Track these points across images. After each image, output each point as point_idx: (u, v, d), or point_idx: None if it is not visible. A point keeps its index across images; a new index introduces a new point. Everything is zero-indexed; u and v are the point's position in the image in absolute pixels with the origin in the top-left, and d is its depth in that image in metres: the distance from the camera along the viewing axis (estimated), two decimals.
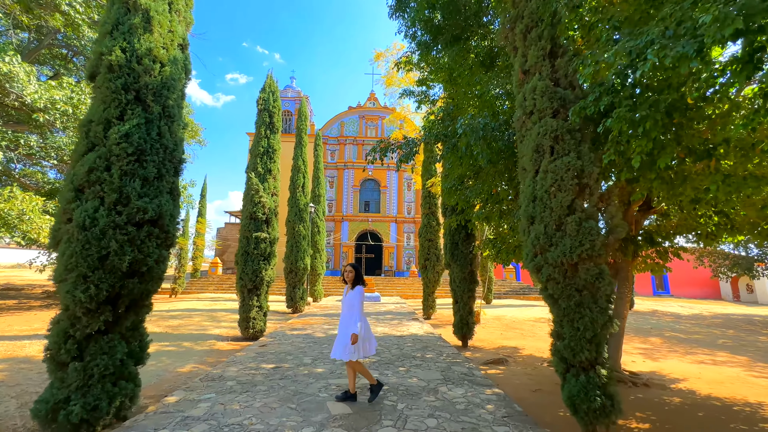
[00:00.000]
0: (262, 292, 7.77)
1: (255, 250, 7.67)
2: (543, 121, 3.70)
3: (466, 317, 7.73)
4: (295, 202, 12.88)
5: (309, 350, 6.32)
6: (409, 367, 5.37)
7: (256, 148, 8.22)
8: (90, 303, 3.00)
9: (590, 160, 3.47)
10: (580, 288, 3.34)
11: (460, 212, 7.78)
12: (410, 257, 30.83)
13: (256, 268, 7.60)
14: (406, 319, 10.97)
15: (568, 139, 3.54)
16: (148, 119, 3.56)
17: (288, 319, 11.02)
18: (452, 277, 8.10)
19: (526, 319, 12.79)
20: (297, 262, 12.46)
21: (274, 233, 7.99)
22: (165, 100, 3.72)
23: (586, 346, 3.28)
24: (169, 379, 4.73)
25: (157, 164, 3.55)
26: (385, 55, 13.01)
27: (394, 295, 21.29)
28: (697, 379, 5.47)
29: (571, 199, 3.42)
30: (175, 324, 9.23)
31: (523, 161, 3.98)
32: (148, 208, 3.34)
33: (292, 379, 4.60)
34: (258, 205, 7.79)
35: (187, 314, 11.02)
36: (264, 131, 8.34)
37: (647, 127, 2.79)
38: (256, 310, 7.64)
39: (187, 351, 6.38)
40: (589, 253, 3.25)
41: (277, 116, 8.56)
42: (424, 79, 8.21)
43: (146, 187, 3.43)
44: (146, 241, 3.35)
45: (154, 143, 3.54)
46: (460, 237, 7.95)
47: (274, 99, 8.63)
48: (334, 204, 30.97)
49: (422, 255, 12.55)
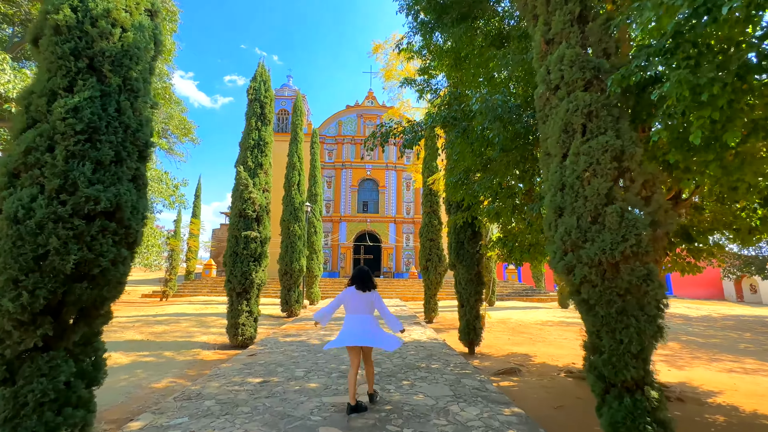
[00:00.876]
0: (253, 295, 7.18)
1: (244, 250, 7.08)
2: (573, 95, 3.15)
3: (473, 322, 7.17)
4: (291, 201, 12.29)
5: (302, 360, 5.73)
6: (414, 380, 4.79)
7: (246, 141, 7.65)
8: (22, 314, 2.42)
9: (631, 140, 2.92)
10: (622, 292, 2.78)
11: (467, 209, 7.22)
12: (410, 258, 30.26)
13: (245, 269, 7.01)
14: (408, 324, 10.39)
15: (604, 116, 2.99)
16: (104, 92, 2.98)
17: (282, 323, 10.41)
18: (457, 279, 7.54)
19: (532, 322, 12.24)
20: (292, 263, 11.86)
21: (265, 232, 7.41)
22: (127, 71, 3.14)
23: (632, 362, 2.72)
24: (140, 397, 4.14)
25: (115, 146, 2.96)
26: (383, 47, 12.47)
27: (393, 297, 20.71)
28: (734, 391, 4.92)
29: (609, 185, 2.86)
30: (160, 330, 8.62)
31: (548, 144, 3.43)
32: (100, 197, 2.76)
33: (280, 397, 4.01)
34: (248, 202, 7.21)
35: (175, 319, 10.41)
36: (255, 123, 7.76)
37: (715, 92, 2.24)
38: (245, 315, 7.05)
39: (168, 362, 5.79)
40: (634, 250, 2.69)
41: (268, 107, 7.99)
42: (425, 68, 7.67)
43: (100, 172, 2.85)
44: (99, 238, 2.77)
45: (111, 121, 2.96)
46: (465, 235, 7.39)
47: (266, 89, 8.06)
48: (331, 204, 30.37)
49: (423, 255, 11.98)
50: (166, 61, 16.42)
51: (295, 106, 12.92)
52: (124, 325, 9.20)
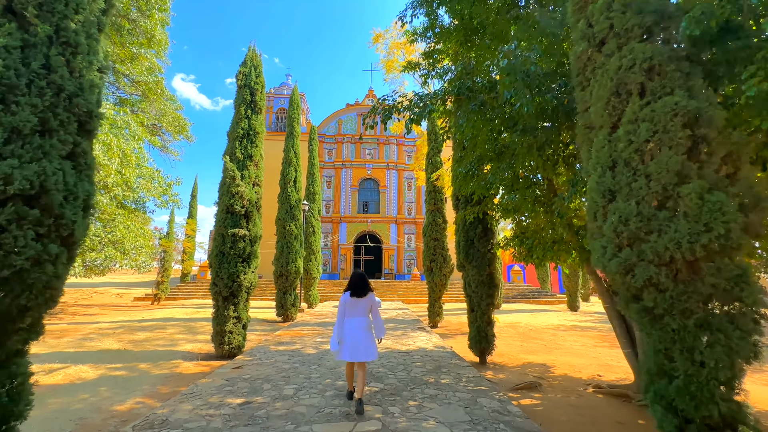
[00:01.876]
0: (241, 300, 6.51)
1: (232, 249, 6.41)
2: (627, 48, 2.48)
3: (485, 328, 6.48)
4: (287, 198, 11.62)
5: (293, 375, 5.05)
6: (422, 399, 4.10)
7: (235, 130, 6.99)
8: None
9: (708, 101, 2.25)
10: (704, 299, 2.11)
11: (477, 203, 6.55)
12: (411, 259, 29.57)
13: (233, 271, 6.34)
14: (411, 329, 9.70)
15: (671, 71, 2.32)
16: (27, 42, 2.33)
17: (276, 329, 9.73)
18: (467, 281, 6.85)
19: (543, 326, 11.54)
20: (288, 264, 11.18)
21: (255, 230, 6.74)
22: (61, 19, 2.48)
23: (719, 393, 2.04)
24: (94, 425, 3.46)
25: (41, 111, 2.31)
26: (384, 36, 11.83)
27: (395, 299, 20.01)
28: None
29: (681, 159, 2.20)
30: (142, 338, 7.94)
31: (590, 115, 2.76)
32: (14, 175, 2.10)
33: (261, 425, 3.33)
34: (236, 197, 6.54)
35: (161, 325, 9.72)
36: (244, 111, 7.11)
37: None
38: (233, 322, 6.37)
39: (140, 376, 5.11)
40: (722, 243, 2.02)
41: (259, 94, 7.34)
42: (430, 52, 7.03)
43: (16, 143, 2.19)
44: (12, 229, 2.11)
45: (35, 79, 2.30)
46: (476, 233, 6.71)
47: (257, 74, 7.41)
48: (331, 205, 29.72)
49: (427, 256, 11.29)
50: (158, 55, 15.87)
51: (292, 99, 12.27)
52: (105, 332, 8.52)
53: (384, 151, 31.24)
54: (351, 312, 3.98)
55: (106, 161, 9.62)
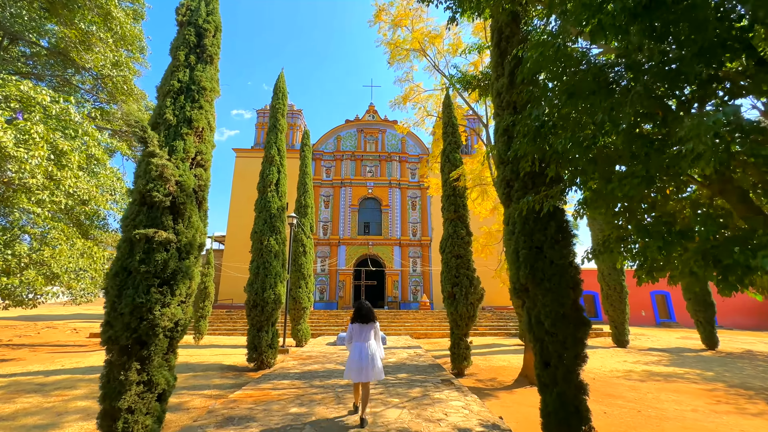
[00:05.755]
0: (156, 352, 3.82)
1: (143, 265, 3.81)
2: None
3: (572, 399, 3.74)
4: (265, 206, 9.07)
5: None
6: None
7: (167, 83, 4.60)
8: None
9: None
10: None
11: (549, 184, 4.06)
12: (417, 286, 26.57)
13: (140, 302, 3.70)
14: (433, 383, 6.83)
15: None
16: None
17: (240, 384, 6.86)
18: (531, 314, 4.19)
19: (607, 373, 8.59)
20: (264, 291, 8.43)
21: (190, 234, 4.17)
22: None
23: None
24: None
25: None
26: (386, 10, 9.82)
27: (402, 333, 16.92)
28: None
29: None
30: (13, 409, 5.10)
31: None
32: None
33: None
34: (157, 181, 4.02)
35: (69, 383, 6.79)
36: (184, 57, 4.75)
37: None
38: (135, 393, 3.64)
39: None
40: None
41: (210, 38, 5.02)
42: None
43: None
44: None
45: None
46: (546, 235, 4.13)
47: (210, 11, 5.13)
48: (329, 226, 27.18)
49: (447, 279, 8.58)
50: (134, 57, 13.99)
51: (276, 86, 10.08)
52: None
53: (386, 168, 29.13)
54: (357, 336, 4.65)
55: (21, 153, 7.24)
